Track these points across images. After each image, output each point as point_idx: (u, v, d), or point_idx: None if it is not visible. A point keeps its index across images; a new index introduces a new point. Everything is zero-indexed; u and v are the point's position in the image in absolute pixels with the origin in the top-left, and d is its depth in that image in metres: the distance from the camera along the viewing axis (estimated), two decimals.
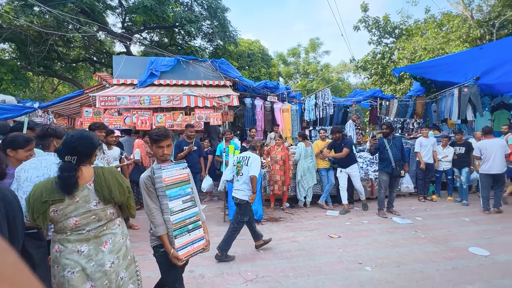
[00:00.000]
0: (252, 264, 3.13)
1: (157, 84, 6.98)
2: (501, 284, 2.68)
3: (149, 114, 5.94)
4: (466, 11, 12.74)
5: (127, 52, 14.19)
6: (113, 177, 1.66)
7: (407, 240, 3.79)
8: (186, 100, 5.95)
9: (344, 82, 26.15)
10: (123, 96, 5.77)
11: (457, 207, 5.41)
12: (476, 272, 2.90)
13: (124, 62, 7.10)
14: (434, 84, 9.93)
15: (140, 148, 5.14)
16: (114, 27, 14.43)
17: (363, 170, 5.98)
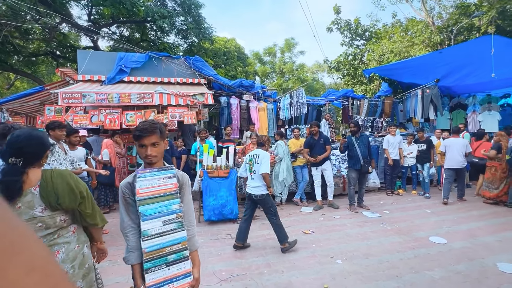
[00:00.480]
0: (226, 263, 3.11)
1: (127, 81, 6.66)
2: (456, 268, 2.92)
3: (118, 113, 5.64)
4: (428, 17, 13.70)
5: (94, 47, 13.38)
6: (63, 181, 1.49)
7: (376, 233, 3.99)
8: (158, 98, 5.74)
9: (319, 82, 26.91)
10: (89, 93, 5.43)
11: (420, 200, 5.81)
12: (435, 259, 3.13)
13: (90, 57, 6.67)
14: (400, 85, 10.56)
15: (109, 148, 4.87)
16: (79, 20, 13.54)
17: (335, 167, 6.20)
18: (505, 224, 4.24)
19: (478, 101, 8.83)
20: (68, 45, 14.18)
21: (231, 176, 4.61)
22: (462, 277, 2.76)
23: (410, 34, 12.55)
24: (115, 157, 5.05)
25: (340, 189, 6.18)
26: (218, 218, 4.42)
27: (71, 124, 5.27)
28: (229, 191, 4.51)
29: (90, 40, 13.34)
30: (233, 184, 4.59)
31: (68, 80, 6.62)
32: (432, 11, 14.46)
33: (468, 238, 3.72)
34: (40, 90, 6.37)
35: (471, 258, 3.16)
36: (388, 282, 2.68)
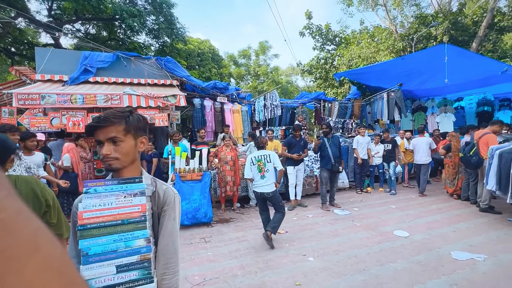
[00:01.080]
0: (199, 268, 3.05)
1: (92, 81, 6.29)
2: (417, 259, 3.15)
3: (83, 115, 5.32)
4: (391, 25, 14.67)
5: (56, 45, 12.48)
6: (28, 188, 1.43)
7: (346, 230, 4.16)
8: (127, 99, 5.51)
9: (293, 85, 27.53)
10: (49, 94, 5.05)
11: (387, 196, 6.17)
12: (398, 252, 3.35)
13: (51, 56, 6.22)
14: (368, 89, 11.16)
15: (70, 153, 4.55)
16: (38, 15, 12.56)
17: (308, 168, 6.37)
18: (459, 216, 4.65)
19: (436, 104, 9.62)
20: (25, 41, 13.10)
21: (205, 179, 4.54)
22: (422, 267, 2.97)
23: (376, 41, 13.35)
24: (79, 162, 4.73)
25: (313, 188, 6.36)
26: (192, 222, 4.33)
27: (28, 127, 4.87)
28: (202, 195, 4.44)
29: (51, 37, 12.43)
30: (206, 187, 4.52)
31: (24, 80, 6.10)
32: (395, 20, 15.52)
33: (427, 230, 4.02)
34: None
35: (430, 248, 3.42)
36: (356, 275, 2.81)
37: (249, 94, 9.44)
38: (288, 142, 5.44)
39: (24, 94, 4.87)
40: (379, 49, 12.82)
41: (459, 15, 12.33)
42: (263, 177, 3.71)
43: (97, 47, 7.35)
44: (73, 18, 12.83)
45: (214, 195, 5.42)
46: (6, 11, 9.69)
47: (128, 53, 7.06)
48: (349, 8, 16.15)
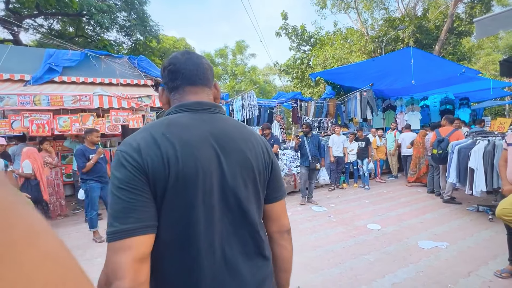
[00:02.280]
0: None
1: (58, 81, 5.90)
2: (388, 250, 3.34)
3: (48, 117, 4.99)
4: (363, 28, 15.32)
5: (15, 41, 11.54)
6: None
7: (323, 226, 4.31)
8: (98, 100, 5.24)
9: (270, 84, 27.80)
10: (9, 94, 4.67)
11: (361, 192, 6.46)
12: (371, 244, 3.53)
13: (9, 53, 5.76)
14: (342, 88, 11.58)
15: (31, 159, 4.24)
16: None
17: (286, 166, 6.50)
18: (425, 208, 5.00)
19: (404, 103, 10.22)
20: None
21: None
22: (392, 257, 3.17)
23: (349, 42, 13.88)
24: (42, 167, 4.43)
25: (291, 187, 6.49)
26: None
27: None
28: None
29: (9, 32, 11.46)
30: None
31: None
32: (366, 22, 16.24)
33: (398, 222, 4.28)
34: None
35: (399, 239, 3.65)
36: (332, 269, 2.93)
37: (226, 94, 9.40)
38: None
39: None
40: (352, 50, 13.35)
41: (423, 20, 13.20)
42: None
43: (63, 44, 6.90)
44: (34, 12, 11.93)
45: None
46: None
47: (98, 51, 6.72)
48: (322, 10, 16.63)
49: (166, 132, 0.75)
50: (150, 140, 0.73)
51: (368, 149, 6.92)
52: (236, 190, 0.79)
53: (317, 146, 5.61)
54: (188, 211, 0.73)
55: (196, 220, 0.73)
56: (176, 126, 0.78)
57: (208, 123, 0.81)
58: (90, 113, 5.40)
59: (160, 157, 0.71)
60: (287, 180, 6.39)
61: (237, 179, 0.80)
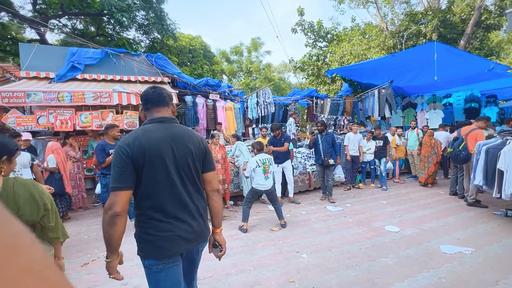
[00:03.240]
0: None
1: (80, 78, 6.15)
2: (407, 253, 3.22)
3: (71, 113, 5.19)
4: (382, 23, 14.78)
5: (41, 40, 12.09)
6: (26, 191, 1.41)
7: (338, 226, 4.22)
8: (117, 97, 5.40)
9: (285, 82, 27.54)
10: (35, 91, 4.90)
11: (378, 192, 6.27)
12: (389, 246, 3.41)
13: (36, 52, 6.04)
14: (359, 85, 11.27)
15: (55, 153, 4.43)
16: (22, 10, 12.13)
17: (301, 165, 6.41)
18: (447, 210, 4.77)
19: (425, 101, 9.80)
20: (8, 37, 12.64)
21: None
22: (412, 261, 3.04)
23: (367, 38, 13.44)
24: (65, 162, 4.62)
25: (306, 185, 6.41)
26: None
27: (14, 126, 4.72)
28: None
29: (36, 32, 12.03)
30: None
31: (8, 77, 5.92)
32: (386, 17, 15.66)
33: (417, 225, 4.11)
34: None
35: (419, 242, 3.50)
36: (348, 271, 2.86)
37: (241, 91, 9.39)
38: (270, 142, 5.55)
39: (8, 92, 4.71)
40: (370, 46, 12.92)
41: (448, 13, 12.54)
42: (267, 178, 4.18)
43: (85, 43, 7.15)
44: (59, 13, 12.44)
45: None
46: None
47: (117, 49, 6.91)
48: (340, 5, 16.18)
49: (143, 134, 1.40)
50: (135, 139, 1.38)
51: (386, 148, 6.69)
52: (183, 165, 1.47)
53: (330, 144, 5.61)
54: (155, 175, 1.39)
55: (160, 179, 1.40)
56: (149, 131, 1.43)
57: (167, 129, 1.46)
58: (110, 109, 5.57)
59: (140, 149, 1.36)
60: (301, 178, 6.30)
61: (183, 159, 1.47)
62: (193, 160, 1.50)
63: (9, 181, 1.41)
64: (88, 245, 3.74)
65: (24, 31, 14.14)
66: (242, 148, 5.42)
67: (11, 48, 12.57)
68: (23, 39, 12.71)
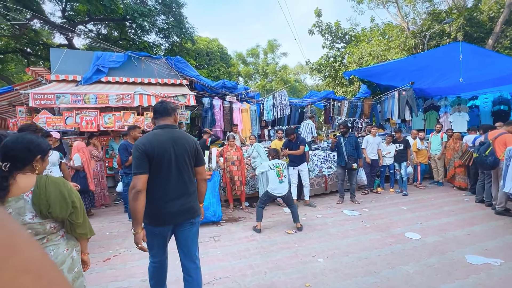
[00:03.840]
0: (209, 267, 3.08)
1: (104, 81, 6.43)
2: (429, 262, 3.09)
3: (96, 114, 5.44)
4: (403, 22, 14.33)
5: (69, 45, 12.78)
6: (57, 190, 1.48)
7: (355, 231, 4.12)
8: (138, 99, 5.60)
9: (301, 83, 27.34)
10: (64, 94, 5.19)
11: (398, 197, 6.06)
12: (410, 254, 3.29)
13: (65, 56, 6.39)
14: (378, 87, 10.96)
15: (80, 152, 4.65)
16: (52, 16, 12.89)
17: (317, 167, 6.33)
18: (473, 218, 4.53)
19: (449, 103, 9.37)
20: (40, 42, 13.47)
21: (214, 178, 4.58)
22: (434, 270, 2.92)
23: (387, 38, 13.08)
24: (89, 160, 4.84)
25: (322, 188, 6.31)
26: (201, 221, 4.36)
27: (44, 126, 5.02)
28: (212, 193, 4.47)
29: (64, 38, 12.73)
30: (216, 186, 4.56)
31: (40, 80, 6.29)
32: (407, 17, 15.17)
33: (440, 233, 3.94)
34: (9, 90, 6.00)
35: (443, 251, 3.35)
36: (366, 278, 2.78)
37: (257, 93, 9.44)
38: (285, 145, 5.55)
39: (40, 94, 5.02)
40: (390, 46, 12.56)
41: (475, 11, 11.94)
42: (281, 182, 4.17)
43: (109, 47, 7.49)
44: (85, 19, 13.10)
45: (223, 194, 5.46)
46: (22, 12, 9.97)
47: (138, 53, 7.17)
48: (359, 5, 15.87)
49: (153, 137, 1.93)
50: (147, 140, 1.91)
51: (407, 152, 6.45)
52: (181, 161, 1.99)
53: (354, 146, 5.56)
54: (160, 167, 1.91)
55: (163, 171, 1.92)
56: (157, 134, 1.96)
57: (169, 133, 1.99)
58: (131, 110, 5.78)
59: (151, 147, 1.88)
60: (317, 181, 6.22)
61: (181, 155, 1.98)
62: (188, 157, 2.03)
63: (42, 179, 1.49)
64: (110, 241, 3.90)
65: (54, 37, 15.02)
66: (260, 150, 5.44)
67: (42, 53, 13.39)
68: (52, 44, 13.50)
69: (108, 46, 7.43)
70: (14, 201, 1.37)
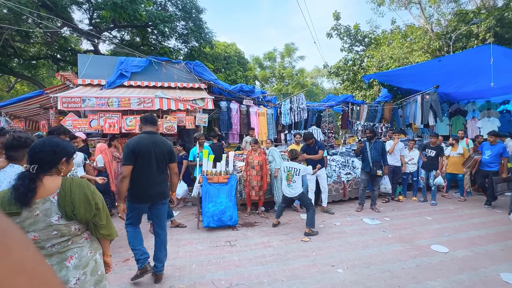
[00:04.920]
0: (226, 272, 3.05)
1: (127, 85, 6.66)
2: (459, 279, 2.88)
3: (118, 117, 5.63)
4: (427, 24, 13.81)
5: (95, 51, 13.43)
6: (81, 191, 1.51)
7: (377, 241, 3.94)
8: (158, 102, 5.74)
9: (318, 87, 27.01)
10: (89, 97, 5.42)
11: (421, 206, 5.76)
12: (437, 269, 3.09)
13: (91, 61, 6.69)
14: (400, 91, 10.59)
15: (103, 154, 4.81)
16: (81, 24, 13.62)
17: (335, 173, 6.16)
18: (507, 232, 4.20)
19: (477, 108, 8.85)
20: (69, 48, 14.26)
21: (231, 182, 4.57)
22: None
23: (409, 41, 12.64)
24: (111, 161, 5.00)
25: (340, 195, 6.13)
26: (218, 224, 4.37)
27: (71, 128, 5.25)
28: (228, 197, 4.46)
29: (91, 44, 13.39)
30: (232, 190, 4.54)
31: (68, 84, 6.62)
32: (431, 18, 14.61)
33: (470, 247, 3.68)
34: (40, 94, 6.36)
35: (474, 267, 3.12)
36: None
37: (274, 97, 9.41)
38: (303, 150, 5.47)
39: (67, 97, 5.27)
40: (413, 49, 12.11)
41: (506, 11, 11.27)
42: (289, 186, 4.31)
43: (131, 53, 7.77)
44: (110, 26, 13.72)
45: (239, 197, 5.44)
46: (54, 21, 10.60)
47: (159, 57, 7.37)
48: (379, 7, 15.49)
49: (139, 139, 2.70)
50: (136, 141, 2.68)
51: (439, 159, 6.02)
52: (159, 159, 2.76)
53: (380, 152, 5.40)
54: (144, 162, 2.68)
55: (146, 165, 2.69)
56: (142, 138, 2.73)
57: (152, 138, 2.76)
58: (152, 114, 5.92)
59: (138, 146, 2.65)
60: (335, 187, 6.05)
61: (159, 155, 2.76)
62: (163, 156, 2.78)
63: (67, 181, 1.51)
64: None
65: (81, 43, 15.85)
66: (275, 154, 5.38)
67: (70, 59, 14.15)
68: (80, 50, 14.24)
69: (131, 51, 7.71)
70: (41, 202, 1.40)
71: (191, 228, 4.51)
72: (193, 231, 4.39)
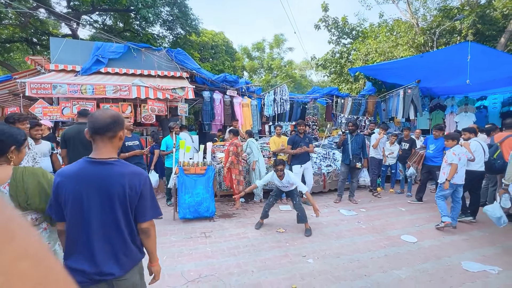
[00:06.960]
0: (196, 264, 3.03)
1: (104, 72, 6.39)
2: (423, 267, 2.98)
3: (93, 105, 5.40)
4: (413, 18, 13.91)
5: (73, 36, 12.77)
6: (35, 180, 1.44)
7: (350, 231, 4.02)
8: (136, 91, 5.53)
9: (307, 79, 27.00)
10: (60, 83, 5.15)
11: (397, 198, 5.92)
12: (404, 258, 3.19)
13: (65, 46, 6.35)
14: (384, 85, 10.70)
15: None
16: (58, 6, 12.86)
17: (316, 165, 6.22)
18: (472, 223, 4.38)
19: (456, 103, 9.09)
20: (46, 32, 13.48)
21: (208, 173, 4.51)
22: (428, 276, 2.81)
23: (395, 35, 12.72)
24: None
25: (320, 186, 6.21)
26: (194, 216, 4.33)
27: (40, 116, 4.99)
28: (205, 189, 4.41)
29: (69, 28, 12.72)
30: (210, 181, 4.49)
31: (39, 70, 6.27)
32: (417, 13, 14.72)
33: (438, 237, 3.82)
34: (8, 79, 5.99)
35: (438, 256, 3.23)
36: (356, 281, 2.70)
37: (259, 88, 9.29)
38: (292, 140, 5.31)
39: (36, 83, 4.99)
40: (398, 43, 12.21)
41: (488, 8, 11.49)
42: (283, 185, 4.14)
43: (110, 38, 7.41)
44: (90, 9, 13.03)
45: (219, 189, 5.40)
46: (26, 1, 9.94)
47: (138, 44, 7.09)
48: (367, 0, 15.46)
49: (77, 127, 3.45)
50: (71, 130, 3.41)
51: (412, 152, 6.19)
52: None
53: (360, 145, 5.47)
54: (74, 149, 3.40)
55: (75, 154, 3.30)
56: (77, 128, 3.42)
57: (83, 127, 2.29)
58: (129, 102, 5.73)
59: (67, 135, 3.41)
60: (315, 179, 6.10)
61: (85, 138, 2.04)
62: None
63: (18, 170, 1.44)
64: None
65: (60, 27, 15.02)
66: (253, 146, 5.33)
67: (47, 43, 13.40)
68: (58, 35, 13.50)
69: (109, 37, 7.35)
70: None
71: (167, 219, 4.45)
72: (169, 222, 4.34)
